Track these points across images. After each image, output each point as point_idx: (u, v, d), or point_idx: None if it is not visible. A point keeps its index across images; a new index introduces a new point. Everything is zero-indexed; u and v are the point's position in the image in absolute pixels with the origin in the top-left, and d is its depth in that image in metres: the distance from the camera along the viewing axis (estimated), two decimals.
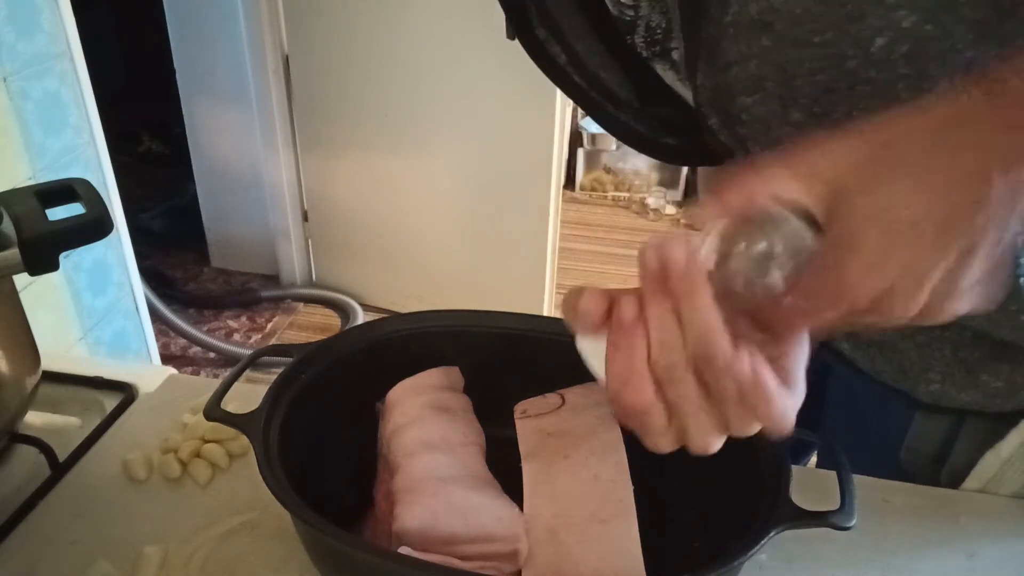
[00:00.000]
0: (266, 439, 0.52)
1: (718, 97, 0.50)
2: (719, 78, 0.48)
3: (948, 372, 0.58)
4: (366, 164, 2.32)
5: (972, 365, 0.57)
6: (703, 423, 0.38)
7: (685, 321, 0.36)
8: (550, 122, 2.06)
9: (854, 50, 0.43)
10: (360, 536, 0.57)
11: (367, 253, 2.47)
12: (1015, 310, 0.51)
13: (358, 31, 2.11)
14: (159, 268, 2.61)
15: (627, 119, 0.59)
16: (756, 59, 0.46)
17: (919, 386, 0.60)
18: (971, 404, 0.59)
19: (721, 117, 0.51)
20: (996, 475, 0.62)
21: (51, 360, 0.71)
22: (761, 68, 0.46)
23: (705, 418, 0.38)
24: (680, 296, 0.36)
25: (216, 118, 2.43)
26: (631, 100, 0.58)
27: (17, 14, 1.39)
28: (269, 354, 0.62)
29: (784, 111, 0.47)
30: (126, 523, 0.61)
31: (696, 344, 0.36)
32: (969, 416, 0.61)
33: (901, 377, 0.60)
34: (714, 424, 0.38)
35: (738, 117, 0.50)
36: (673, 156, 0.63)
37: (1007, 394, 0.58)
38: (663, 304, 0.37)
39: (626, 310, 0.38)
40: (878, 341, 0.60)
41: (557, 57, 0.57)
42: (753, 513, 0.48)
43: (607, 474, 0.55)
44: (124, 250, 1.76)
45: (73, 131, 1.57)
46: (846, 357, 0.64)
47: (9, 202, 0.59)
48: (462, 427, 0.59)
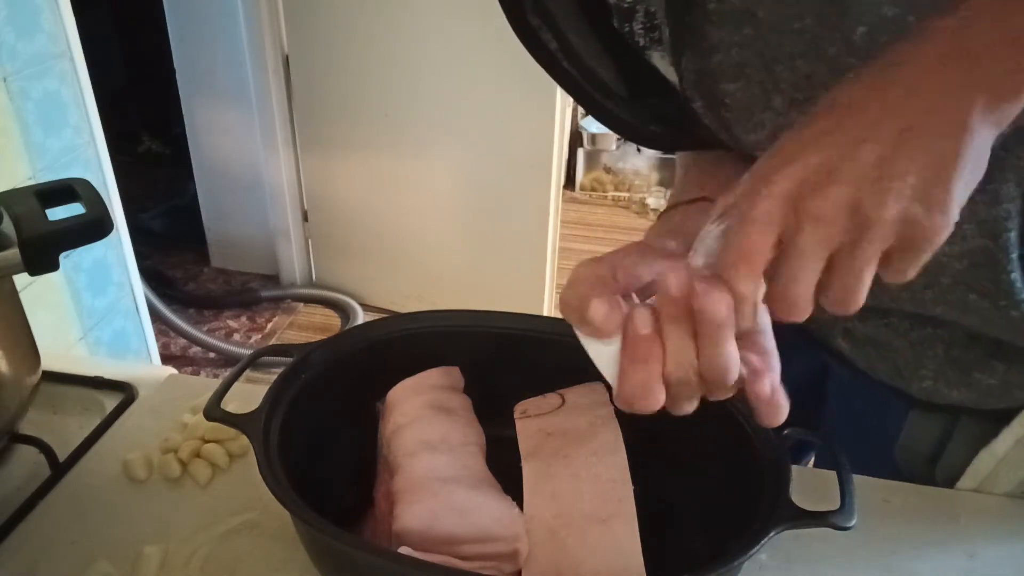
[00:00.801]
0: (266, 439, 0.52)
1: (702, 82, 0.51)
2: (703, 63, 0.49)
3: (940, 370, 0.59)
4: (366, 164, 2.32)
5: (965, 364, 0.58)
6: (694, 401, 0.42)
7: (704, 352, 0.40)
8: (550, 122, 2.06)
9: (835, 37, 0.43)
10: (360, 536, 0.57)
11: (367, 253, 2.47)
12: (1005, 305, 0.51)
13: (358, 31, 2.11)
14: (159, 268, 2.61)
15: (615, 108, 0.60)
16: (738, 46, 0.47)
17: (913, 384, 0.60)
18: (964, 402, 0.59)
19: (706, 101, 0.52)
20: (991, 474, 0.62)
21: (51, 360, 0.71)
22: (743, 55, 0.47)
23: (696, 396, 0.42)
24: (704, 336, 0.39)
25: (216, 118, 2.43)
26: (620, 91, 0.58)
27: (17, 14, 1.39)
28: (269, 354, 0.62)
29: (766, 97, 0.48)
30: (126, 523, 0.61)
31: (712, 373, 0.40)
32: (963, 414, 0.61)
33: (896, 375, 0.61)
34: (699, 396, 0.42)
35: (722, 101, 0.51)
36: (660, 143, 0.64)
37: (1000, 392, 0.58)
38: (682, 326, 0.40)
39: (642, 326, 0.40)
40: (874, 340, 0.61)
41: (549, 44, 0.57)
42: (753, 513, 0.48)
43: (607, 474, 0.55)
44: (124, 250, 1.76)
45: (73, 131, 1.57)
46: (845, 357, 0.64)
47: (9, 202, 0.59)
48: (462, 427, 0.59)
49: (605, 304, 0.42)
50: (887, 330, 0.59)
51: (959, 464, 0.63)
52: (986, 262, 0.50)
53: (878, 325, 0.60)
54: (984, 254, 0.49)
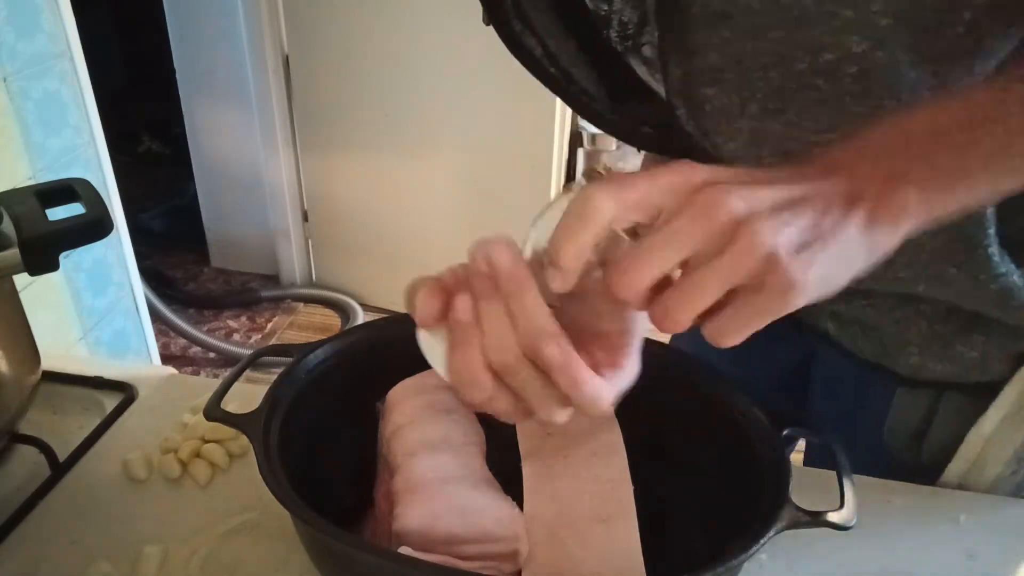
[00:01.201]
0: (266, 439, 0.52)
1: (685, 86, 0.51)
2: (685, 66, 0.50)
3: (925, 345, 0.61)
4: (366, 164, 2.32)
5: (948, 338, 0.60)
6: (545, 400, 0.39)
7: (515, 319, 0.38)
8: (550, 122, 2.06)
9: (803, 54, 0.44)
10: (360, 536, 0.57)
11: (367, 253, 2.47)
12: (984, 279, 0.54)
13: (358, 31, 2.11)
14: (159, 268, 2.61)
15: (604, 111, 0.60)
16: (717, 50, 0.47)
17: (900, 360, 0.62)
18: (949, 376, 0.61)
19: (688, 108, 0.53)
20: (980, 455, 0.63)
21: (51, 360, 0.71)
22: (721, 59, 0.48)
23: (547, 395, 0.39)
24: (508, 295, 0.38)
25: (216, 118, 2.43)
26: (601, 95, 0.59)
27: (17, 14, 1.39)
28: (269, 354, 0.62)
29: (742, 104, 0.49)
30: (126, 523, 0.61)
31: (526, 340, 0.38)
32: (947, 389, 0.63)
33: (882, 353, 0.63)
34: (556, 398, 0.39)
35: (702, 107, 0.51)
36: (653, 145, 0.65)
37: (981, 364, 0.60)
38: (493, 303, 0.38)
39: (461, 309, 0.39)
40: (859, 320, 0.63)
41: (534, 50, 0.58)
42: (753, 513, 0.48)
43: (607, 474, 0.55)
44: (124, 250, 1.76)
45: (73, 131, 1.57)
46: (831, 338, 0.66)
47: (9, 202, 0.59)
48: (462, 427, 0.59)
49: (433, 288, 0.40)
50: (872, 310, 0.61)
51: (945, 441, 0.64)
52: (963, 237, 0.52)
53: (862, 305, 0.61)
54: (960, 229, 0.51)
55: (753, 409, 0.55)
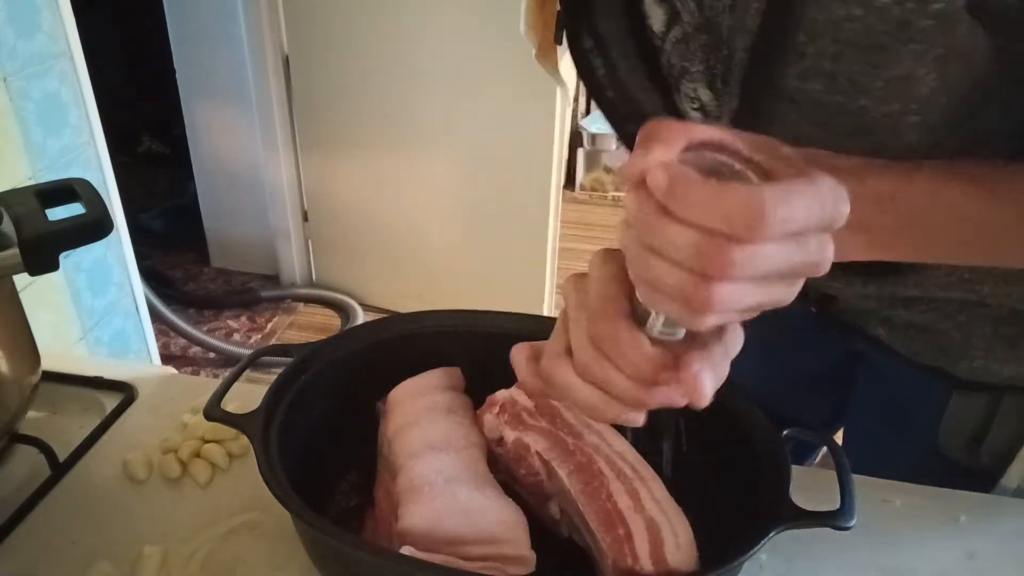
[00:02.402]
0: (266, 439, 0.52)
1: None
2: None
3: (990, 348, 0.60)
4: (366, 164, 2.32)
5: (1014, 339, 0.59)
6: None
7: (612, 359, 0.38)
8: (550, 122, 2.06)
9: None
10: (360, 536, 0.58)
11: (367, 253, 2.47)
12: None
13: (358, 31, 2.11)
14: (159, 268, 2.61)
15: None
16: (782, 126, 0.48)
17: (960, 363, 0.61)
18: (1013, 379, 0.60)
19: None
20: None
21: (51, 360, 0.71)
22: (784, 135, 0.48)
23: None
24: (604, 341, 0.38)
25: (216, 118, 2.43)
26: None
27: (17, 14, 1.39)
28: (269, 354, 0.62)
29: None
30: (126, 523, 0.61)
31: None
32: (1007, 392, 0.62)
33: (941, 356, 0.62)
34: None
35: None
36: None
37: None
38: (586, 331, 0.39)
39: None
40: (917, 324, 0.62)
41: (597, 69, 0.58)
42: (753, 513, 0.48)
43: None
44: (124, 250, 1.76)
45: (73, 131, 1.57)
46: (882, 343, 0.65)
47: (9, 202, 0.59)
48: (464, 428, 0.59)
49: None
50: (935, 314, 0.60)
51: (1005, 443, 0.63)
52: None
53: (922, 311, 0.60)
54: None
55: (753, 409, 0.55)
